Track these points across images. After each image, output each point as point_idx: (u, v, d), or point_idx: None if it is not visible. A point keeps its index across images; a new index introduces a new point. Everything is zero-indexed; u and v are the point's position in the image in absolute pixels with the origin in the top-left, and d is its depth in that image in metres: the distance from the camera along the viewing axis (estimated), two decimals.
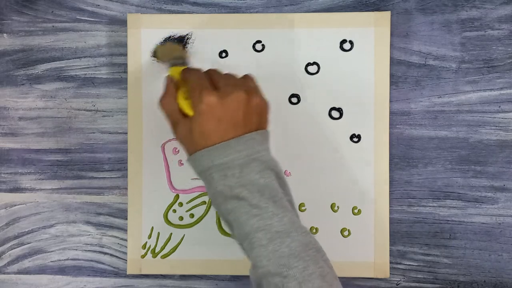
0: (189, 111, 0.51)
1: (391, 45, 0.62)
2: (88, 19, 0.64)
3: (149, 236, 0.63)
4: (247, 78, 0.54)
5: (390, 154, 0.63)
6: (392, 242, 0.63)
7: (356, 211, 0.63)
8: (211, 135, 0.50)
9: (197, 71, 0.54)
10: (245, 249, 0.50)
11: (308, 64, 0.63)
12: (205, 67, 0.55)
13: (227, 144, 0.49)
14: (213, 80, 0.52)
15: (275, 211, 0.48)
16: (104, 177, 0.65)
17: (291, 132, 0.63)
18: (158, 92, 0.54)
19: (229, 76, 0.54)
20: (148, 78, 0.63)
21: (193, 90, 0.51)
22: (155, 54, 0.61)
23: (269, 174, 0.50)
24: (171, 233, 0.64)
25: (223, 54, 0.63)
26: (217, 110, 0.49)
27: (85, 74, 0.64)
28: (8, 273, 0.65)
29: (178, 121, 0.52)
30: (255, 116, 0.51)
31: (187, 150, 0.52)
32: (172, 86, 0.54)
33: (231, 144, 0.49)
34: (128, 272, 0.64)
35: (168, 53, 0.60)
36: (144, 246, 0.64)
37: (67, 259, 0.65)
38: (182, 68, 0.56)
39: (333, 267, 0.49)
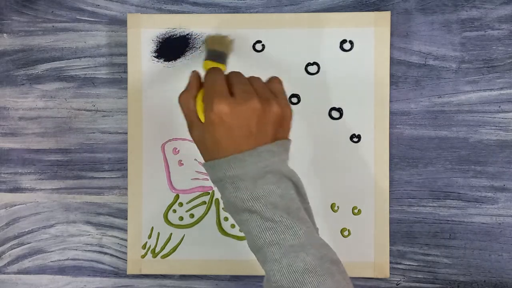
0: (201, 117, 0.49)
1: (391, 45, 0.62)
2: (88, 19, 0.64)
3: (149, 236, 0.63)
4: (272, 81, 0.52)
5: (390, 154, 0.63)
6: (392, 242, 0.63)
7: (356, 211, 0.63)
8: (223, 144, 0.47)
9: (217, 73, 0.50)
10: (258, 259, 0.48)
11: (308, 64, 0.63)
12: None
13: (241, 157, 0.47)
14: (230, 85, 0.49)
15: (290, 225, 0.46)
16: (104, 177, 0.65)
17: (291, 132, 0.63)
18: (158, 92, 0.54)
19: (251, 81, 0.50)
20: (148, 78, 0.63)
21: (206, 96, 0.49)
22: (205, 41, 0.60)
23: (286, 184, 0.48)
24: (171, 233, 0.64)
25: None
26: (228, 120, 0.47)
27: (85, 74, 0.64)
28: (8, 273, 0.65)
29: (193, 123, 0.50)
30: (271, 126, 0.49)
31: (201, 155, 0.51)
32: (195, 83, 0.51)
33: (245, 157, 0.47)
34: (128, 272, 0.64)
35: (215, 44, 0.58)
36: (144, 246, 0.64)
37: (67, 259, 0.65)
38: (216, 64, 0.54)
39: None
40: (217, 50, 0.57)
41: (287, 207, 0.47)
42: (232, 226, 0.63)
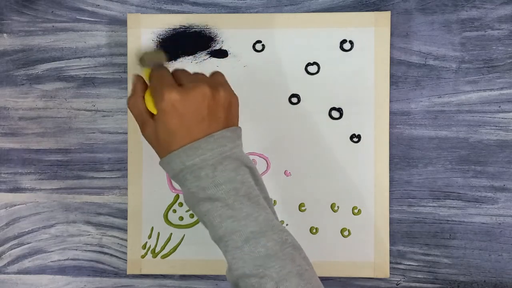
0: (153, 110, 0.50)
1: (391, 45, 0.62)
2: (88, 19, 0.64)
3: (149, 236, 0.63)
4: (215, 74, 0.52)
5: (390, 154, 0.63)
6: (392, 242, 0.63)
7: (356, 211, 0.63)
8: (178, 134, 0.48)
9: (163, 69, 0.52)
10: (221, 249, 0.49)
11: (308, 64, 0.63)
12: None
13: (196, 144, 0.47)
14: (177, 78, 0.50)
15: (250, 211, 0.47)
16: (104, 177, 0.65)
17: (291, 132, 0.63)
18: None
19: (195, 74, 0.52)
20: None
21: (155, 89, 0.49)
22: (141, 61, 0.56)
23: (244, 171, 0.48)
24: (171, 233, 0.64)
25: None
26: (179, 107, 0.47)
27: (85, 74, 0.64)
28: (8, 273, 0.65)
29: (145, 122, 0.50)
30: (222, 112, 0.49)
31: (157, 153, 0.51)
32: (140, 85, 0.52)
33: (200, 145, 0.47)
34: (128, 272, 0.64)
35: (152, 59, 0.56)
36: (144, 246, 0.64)
37: (67, 259, 0.65)
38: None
39: (333, 267, 0.49)
40: (155, 62, 0.56)
41: (247, 193, 0.48)
42: None
